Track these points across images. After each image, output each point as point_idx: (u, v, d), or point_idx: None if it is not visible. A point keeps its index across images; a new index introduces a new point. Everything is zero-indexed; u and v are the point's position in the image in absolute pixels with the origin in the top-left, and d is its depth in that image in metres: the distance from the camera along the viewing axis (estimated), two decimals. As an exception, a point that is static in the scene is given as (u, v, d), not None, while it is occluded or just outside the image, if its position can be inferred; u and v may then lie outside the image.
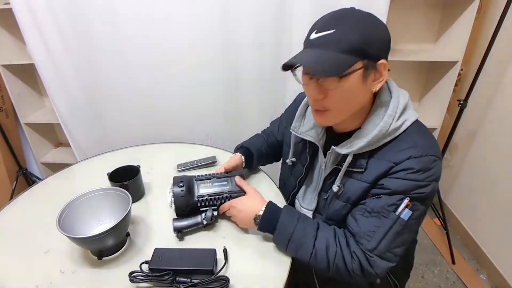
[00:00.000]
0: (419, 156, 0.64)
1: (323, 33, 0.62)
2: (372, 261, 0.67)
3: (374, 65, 0.64)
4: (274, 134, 1.06)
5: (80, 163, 1.18)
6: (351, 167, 0.72)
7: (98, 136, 1.69)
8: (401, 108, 0.68)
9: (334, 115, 0.69)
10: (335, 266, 0.69)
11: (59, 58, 1.46)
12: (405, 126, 0.68)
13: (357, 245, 0.69)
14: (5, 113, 1.85)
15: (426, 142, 0.67)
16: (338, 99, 0.66)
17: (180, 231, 0.82)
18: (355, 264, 0.68)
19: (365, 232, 0.68)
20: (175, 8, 1.33)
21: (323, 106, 0.68)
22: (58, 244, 0.80)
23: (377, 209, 0.67)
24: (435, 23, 1.65)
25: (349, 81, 0.63)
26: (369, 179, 0.69)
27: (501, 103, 1.44)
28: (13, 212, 0.94)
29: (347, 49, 0.60)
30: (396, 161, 0.65)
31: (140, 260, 0.72)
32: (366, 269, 0.67)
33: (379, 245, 0.67)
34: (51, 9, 1.34)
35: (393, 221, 0.66)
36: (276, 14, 1.32)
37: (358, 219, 0.70)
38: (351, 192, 0.73)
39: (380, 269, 0.67)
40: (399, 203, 0.65)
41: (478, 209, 1.61)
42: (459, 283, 1.51)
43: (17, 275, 0.74)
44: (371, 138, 0.67)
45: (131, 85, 1.52)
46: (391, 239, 0.66)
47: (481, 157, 1.58)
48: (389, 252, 0.67)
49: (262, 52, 1.40)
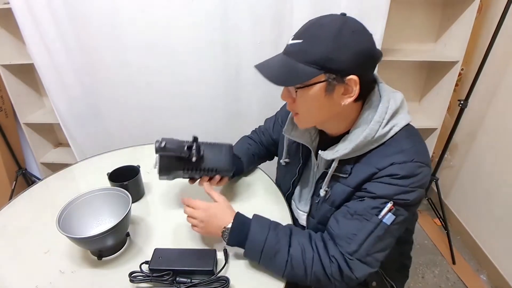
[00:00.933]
0: (403, 162, 0.63)
1: (294, 41, 0.64)
2: (352, 263, 0.65)
3: (342, 80, 0.62)
4: (269, 132, 1.04)
5: (80, 163, 1.18)
6: (337, 172, 0.72)
7: (98, 136, 1.69)
8: (390, 113, 0.66)
9: (304, 119, 0.72)
10: (313, 273, 0.67)
11: (59, 58, 1.46)
12: (393, 131, 0.66)
13: (336, 248, 0.67)
14: (4, 113, 1.85)
15: (413, 148, 0.65)
16: (303, 106, 0.68)
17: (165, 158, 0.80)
18: (333, 268, 0.65)
19: (346, 234, 0.66)
20: (175, 7, 1.32)
21: (293, 109, 0.72)
22: (58, 244, 0.80)
23: (359, 211, 0.66)
24: (435, 22, 1.65)
25: (308, 92, 0.64)
26: (352, 184, 0.69)
27: (501, 103, 1.44)
28: (13, 212, 0.94)
29: (309, 61, 0.61)
30: (380, 167, 0.65)
31: (140, 260, 0.72)
32: (346, 274, 0.65)
33: (359, 249, 0.65)
34: (51, 9, 1.34)
35: (375, 224, 0.64)
36: (276, 13, 1.32)
37: (340, 221, 0.69)
38: (336, 196, 0.72)
39: (360, 273, 0.65)
40: (382, 207, 0.64)
41: (479, 209, 1.61)
42: (459, 283, 1.51)
43: (17, 275, 0.74)
44: (356, 145, 0.66)
45: (131, 85, 1.52)
46: (372, 243, 0.65)
47: (481, 157, 1.58)
48: (370, 257, 0.66)
49: (262, 52, 1.40)
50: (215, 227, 0.74)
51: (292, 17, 1.33)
